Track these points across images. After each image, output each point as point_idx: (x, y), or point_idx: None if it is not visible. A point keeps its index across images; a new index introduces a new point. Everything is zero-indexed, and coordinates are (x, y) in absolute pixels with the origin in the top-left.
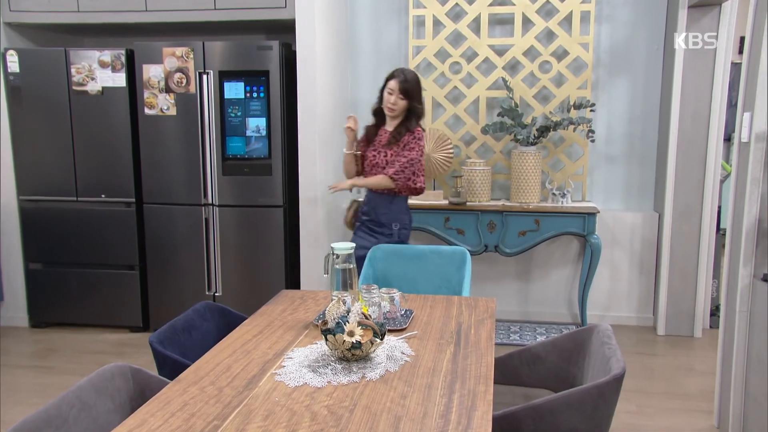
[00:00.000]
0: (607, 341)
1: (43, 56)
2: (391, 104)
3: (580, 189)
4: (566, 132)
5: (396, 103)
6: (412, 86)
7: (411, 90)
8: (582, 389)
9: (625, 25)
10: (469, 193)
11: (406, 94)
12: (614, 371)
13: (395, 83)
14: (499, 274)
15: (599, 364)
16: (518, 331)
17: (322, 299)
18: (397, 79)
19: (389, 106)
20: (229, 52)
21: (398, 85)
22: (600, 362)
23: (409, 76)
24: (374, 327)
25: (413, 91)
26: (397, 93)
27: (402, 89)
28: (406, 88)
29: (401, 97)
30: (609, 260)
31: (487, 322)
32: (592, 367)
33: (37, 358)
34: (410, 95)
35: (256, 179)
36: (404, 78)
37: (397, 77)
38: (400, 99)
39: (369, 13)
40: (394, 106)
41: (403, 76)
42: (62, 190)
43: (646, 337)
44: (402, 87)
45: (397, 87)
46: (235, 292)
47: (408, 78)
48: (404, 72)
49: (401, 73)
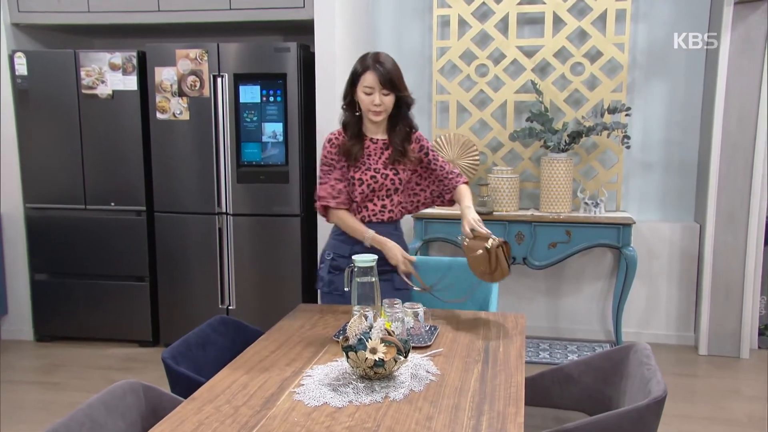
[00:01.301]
0: (646, 361)
1: (52, 58)
2: (376, 106)
3: (614, 198)
4: (599, 138)
5: (382, 103)
6: (394, 73)
7: (395, 78)
8: (619, 413)
9: (663, 24)
10: (496, 203)
11: (391, 85)
12: (654, 394)
13: (373, 77)
14: (528, 288)
15: (638, 385)
16: (548, 348)
17: (342, 314)
18: (373, 71)
19: (374, 109)
20: (245, 54)
21: (378, 77)
22: (638, 384)
23: (387, 62)
24: (398, 344)
25: (397, 77)
26: (379, 89)
27: (384, 81)
28: (390, 77)
29: (386, 92)
30: (645, 274)
31: (517, 339)
32: (629, 389)
33: (42, 374)
34: (396, 85)
35: (272, 187)
36: (383, 69)
37: (373, 69)
38: (385, 95)
39: (391, 12)
40: (380, 107)
41: (380, 66)
42: (70, 197)
43: (686, 358)
44: (384, 79)
45: (378, 80)
46: (250, 306)
47: (386, 65)
48: (378, 59)
49: (375, 62)
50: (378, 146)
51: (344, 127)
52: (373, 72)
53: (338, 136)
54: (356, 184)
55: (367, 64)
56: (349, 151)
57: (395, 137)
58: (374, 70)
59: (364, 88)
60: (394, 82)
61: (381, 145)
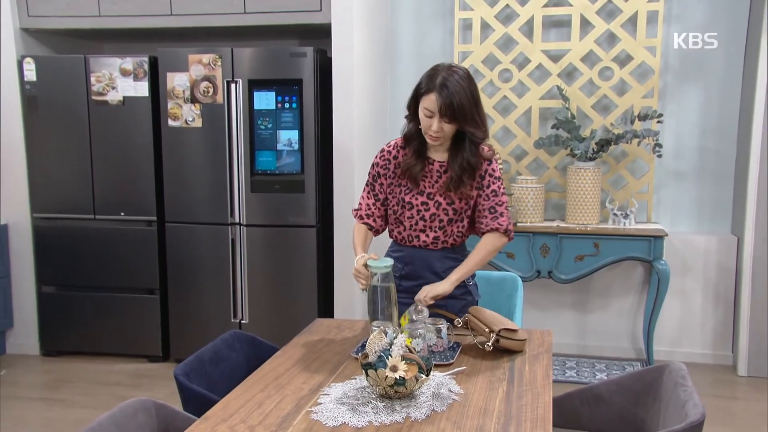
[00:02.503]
0: (682, 382)
1: (62, 64)
2: (434, 133)
3: (645, 209)
4: (629, 146)
5: (440, 131)
6: (461, 102)
7: (461, 107)
8: None
9: (698, 26)
10: (520, 214)
11: (452, 116)
12: (691, 417)
13: (433, 101)
14: (553, 303)
15: (673, 408)
16: (575, 367)
17: (360, 329)
18: (436, 94)
19: (431, 134)
20: (260, 59)
21: (440, 104)
22: (674, 406)
23: (454, 86)
24: (419, 362)
25: (464, 107)
26: (438, 116)
27: (446, 109)
28: (453, 107)
29: (446, 120)
30: (679, 289)
31: (543, 357)
32: (664, 412)
33: (48, 390)
34: (461, 116)
35: (287, 197)
36: (447, 92)
37: (436, 91)
38: (446, 123)
39: (411, 16)
40: (438, 134)
41: (446, 89)
42: (79, 207)
43: (724, 378)
44: (445, 106)
45: (438, 107)
46: (263, 320)
47: (453, 90)
48: (446, 81)
49: (442, 85)
50: (434, 168)
51: (406, 140)
52: (437, 96)
53: (391, 149)
54: (405, 207)
55: (431, 85)
56: (410, 171)
57: (455, 164)
58: (438, 93)
59: (424, 109)
60: (457, 114)
61: (438, 167)
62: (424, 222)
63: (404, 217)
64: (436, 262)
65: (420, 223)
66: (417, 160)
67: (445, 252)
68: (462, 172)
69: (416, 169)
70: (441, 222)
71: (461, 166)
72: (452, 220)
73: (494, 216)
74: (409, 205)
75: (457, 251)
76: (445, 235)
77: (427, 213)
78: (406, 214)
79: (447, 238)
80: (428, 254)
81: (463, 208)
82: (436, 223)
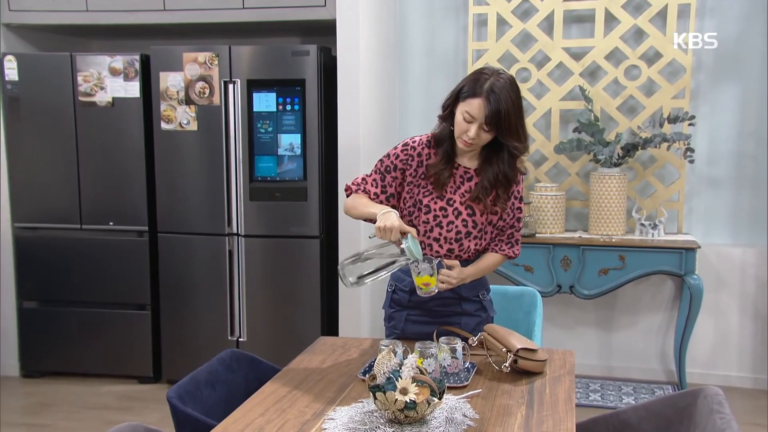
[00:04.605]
0: (719, 408)
1: (46, 62)
2: (470, 139)
3: (676, 219)
4: (658, 151)
5: (477, 138)
6: (508, 109)
7: (507, 117)
8: None
9: (735, 20)
10: (539, 224)
11: (497, 125)
12: None
13: (478, 107)
14: (575, 320)
15: None
16: (599, 390)
17: (367, 348)
18: (483, 99)
19: (465, 140)
20: (260, 58)
21: (487, 112)
22: None
23: (504, 94)
24: (431, 384)
25: (510, 117)
26: (479, 124)
27: (491, 118)
28: (498, 115)
29: (487, 129)
30: (713, 306)
31: (565, 379)
32: None
33: (29, 414)
34: (506, 126)
35: (288, 205)
36: (497, 98)
37: (483, 97)
38: (485, 132)
39: (422, 11)
40: (473, 141)
41: (494, 95)
42: (64, 216)
43: (764, 404)
44: (491, 114)
45: (483, 115)
46: (263, 338)
47: (502, 98)
48: (494, 87)
49: (490, 90)
50: (459, 173)
51: (436, 141)
52: (484, 102)
53: (416, 146)
54: (422, 210)
55: (478, 90)
56: (438, 176)
57: (488, 173)
58: (486, 99)
59: (464, 113)
60: (502, 124)
61: (462, 172)
62: (440, 229)
63: (419, 221)
64: None
65: (435, 230)
66: (446, 164)
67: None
68: (496, 184)
69: (444, 175)
70: (458, 234)
71: (496, 178)
72: (470, 234)
73: (510, 244)
74: (426, 209)
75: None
76: (460, 249)
77: (445, 220)
78: (422, 218)
79: (460, 253)
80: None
81: (484, 224)
82: (453, 234)
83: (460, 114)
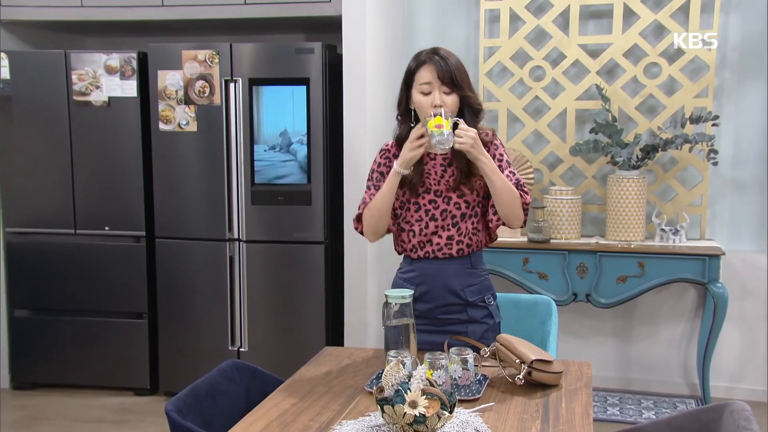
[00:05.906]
0: (746, 425)
1: (39, 60)
2: (436, 108)
3: (698, 224)
4: (679, 152)
5: (444, 104)
6: (457, 67)
7: (458, 73)
8: None
9: (762, 14)
10: (554, 229)
11: (453, 82)
12: None
13: (430, 71)
14: (592, 330)
15: None
16: (617, 403)
17: (374, 360)
18: (431, 65)
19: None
20: (262, 56)
21: (437, 72)
22: None
23: (448, 55)
24: (442, 397)
25: (460, 73)
26: (438, 85)
27: (445, 76)
28: (451, 72)
29: (447, 90)
30: (738, 315)
31: (582, 392)
32: None
33: (20, 428)
34: (459, 83)
35: (292, 210)
36: (443, 62)
37: (431, 62)
38: (446, 94)
39: (431, 6)
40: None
41: (439, 59)
42: (58, 221)
43: None
44: (443, 73)
45: (436, 75)
46: (265, 348)
47: (445, 55)
48: (436, 51)
49: (433, 54)
50: (437, 162)
51: (398, 144)
52: (431, 65)
53: (391, 147)
54: (412, 209)
55: (422, 59)
56: (408, 181)
57: (460, 155)
58: (432, 62)
59: (420, 86)
60: (456, 79)
61: (441, 159)
62: (435, 222)
63: (413, 219)
64: (453, 279)
65: (431, 225)
66: (414, 167)
67: (462, 265)
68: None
69: (415, 179)
70: (454, 218)
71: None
72: (465, 215)
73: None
74: (416, 206)
75: (474, 264)
76: (459, 233)
77: (437, 211)
78: (414, 216)
79: (462, 238)
80: (443, 269)
81: (476, 200)
82: (449, 221)
83: (417, 94)
